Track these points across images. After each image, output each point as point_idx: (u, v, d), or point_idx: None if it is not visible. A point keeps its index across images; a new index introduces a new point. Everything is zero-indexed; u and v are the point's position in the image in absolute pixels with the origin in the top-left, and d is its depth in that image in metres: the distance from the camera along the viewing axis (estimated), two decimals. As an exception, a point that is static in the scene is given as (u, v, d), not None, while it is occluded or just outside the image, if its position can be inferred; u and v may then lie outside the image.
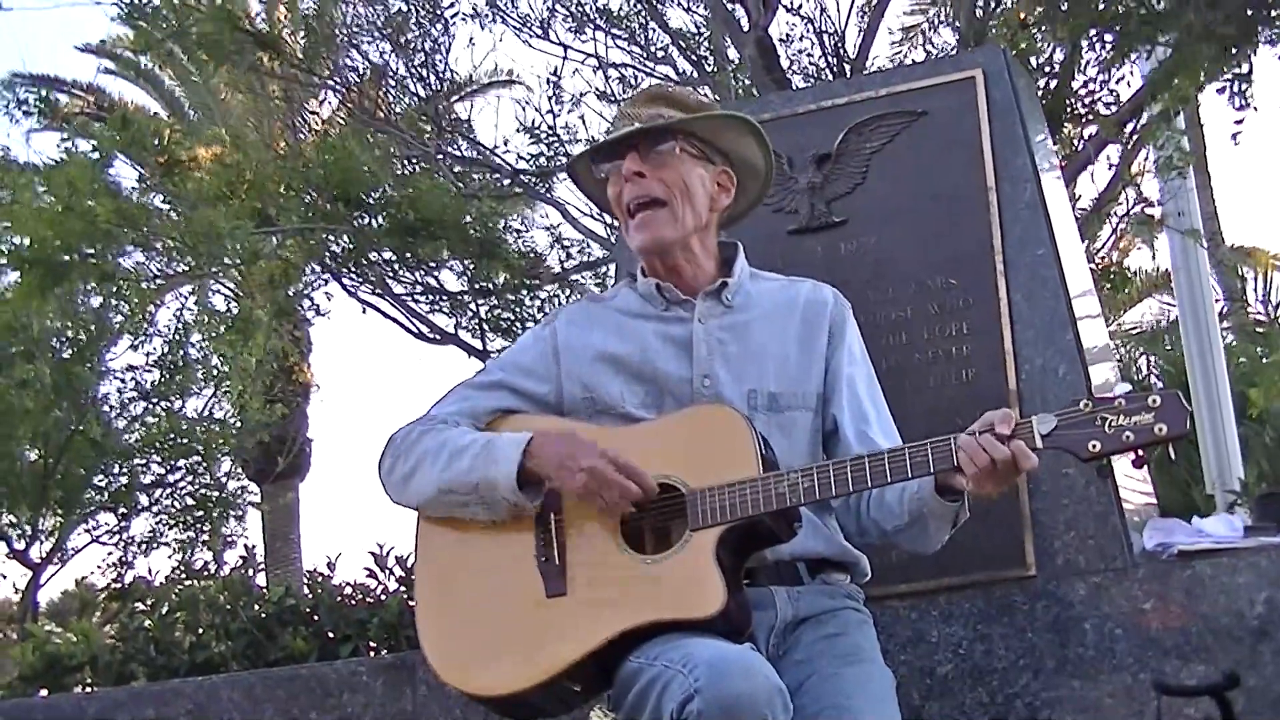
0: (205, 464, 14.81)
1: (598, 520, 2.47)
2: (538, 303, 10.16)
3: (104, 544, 14.91)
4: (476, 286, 9.85)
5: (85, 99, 15.95)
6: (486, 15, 9.54)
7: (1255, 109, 6.75)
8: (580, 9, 9.45)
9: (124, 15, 8.96)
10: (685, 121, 2.67)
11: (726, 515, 2.36)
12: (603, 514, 2.46)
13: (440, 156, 9.47)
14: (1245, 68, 6.63)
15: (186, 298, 13.98)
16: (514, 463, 2.48)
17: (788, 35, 9.41)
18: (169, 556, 14.65)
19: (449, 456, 2.57)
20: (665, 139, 2.65)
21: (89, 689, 5.89)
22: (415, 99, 9.63)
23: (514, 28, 9.63)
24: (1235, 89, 6.65)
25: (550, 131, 9.53)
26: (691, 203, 2.66)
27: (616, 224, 2.85)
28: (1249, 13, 6.08)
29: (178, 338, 13.89)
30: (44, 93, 10.59)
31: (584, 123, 9.51)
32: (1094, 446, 2.23)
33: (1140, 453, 2.24)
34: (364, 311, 9.82)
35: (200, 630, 5.77)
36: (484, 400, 2.70)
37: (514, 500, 2.50)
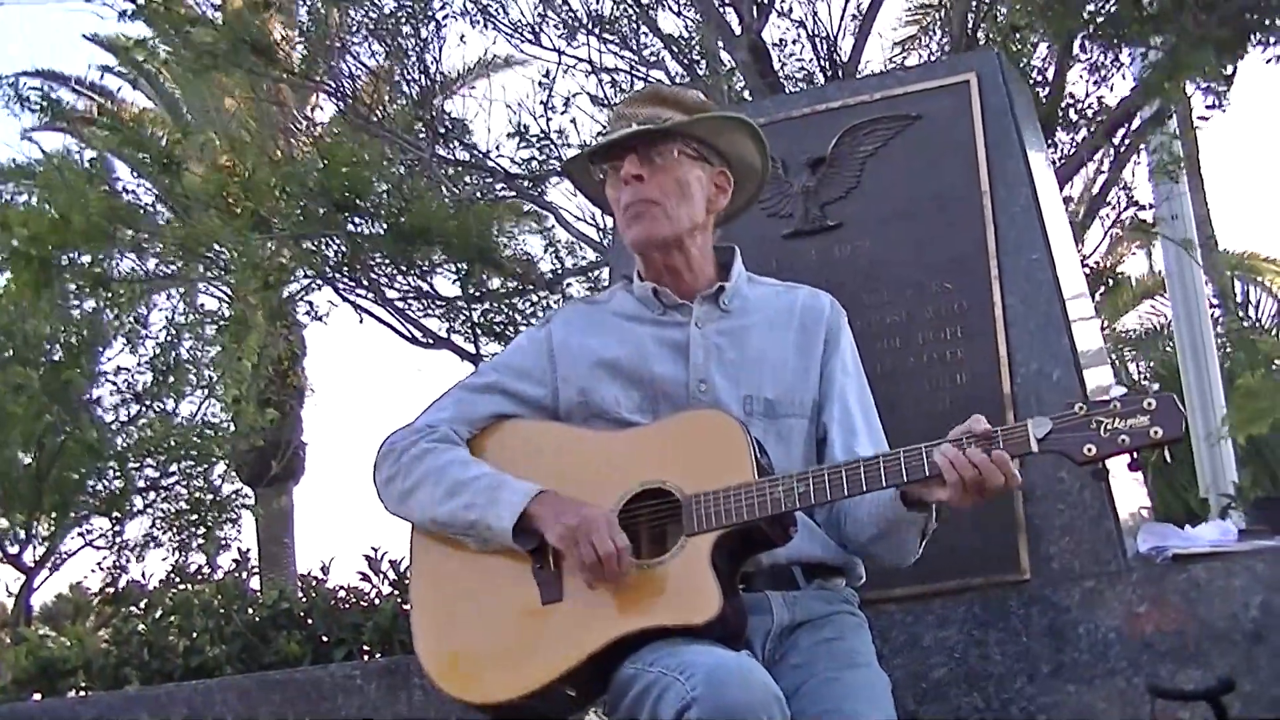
0: (199, 468, 14.79)
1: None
2: (530, 307, 10.15)
3: (98, 548, 14.89)
4: (470, 291, 9.83)
5: (90, 96, 15.93)
6: (478, 21, 9.52)
7: (1224, 110, 6.80)
8: (572, 16, 9.42)
9: (126, 14, 8.95)
10: (683, 124, 2.66)
11: (722, 520, 2.35)
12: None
13: (434, 160, 9.46)
14: (1230, 70, 6.68)
15: (179, 300, 13.97)
16: (513, 518, 2.46)
17: (781, 39, 9.41)
18: (163, 560, 14.65)
19: (449, 488, 2.55)
20: (664, 140, 2.64)
21: (83, 693, 5.89)
22: (409, 101, 9.61)
23: (505, 34, 9.62)
24: (1214, 88, 6.70)
25: (543, 135, 9.51)
26: (688, 203, 2.65)
27: (614, 226, 2.84)
28: (1245, 17, 6.11)
29: (170, 340, 13.88)
30: (46, 89, 10.54)
31: (575, 126, 9.48)
32: (1089, 450, 2.22)
33: (1135, 455, 2.24)
34: (360, 321, 9.82)
35: (194, 634, 5.76)
36: (479, 404, 2.69)
37: (508, 545, 2.49)
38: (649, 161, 2.63)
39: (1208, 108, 7.02)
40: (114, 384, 14.12)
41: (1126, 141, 8.45)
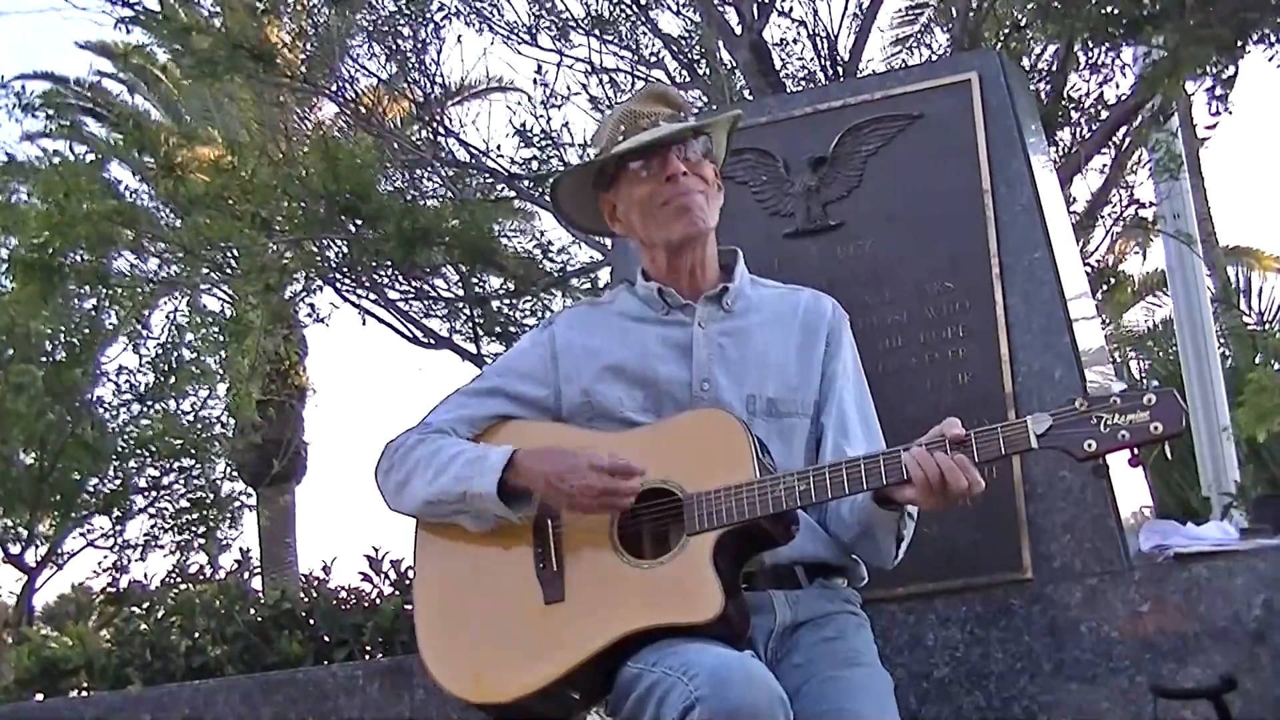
0: (200, 467, 14.80)
1: (595, 526, 2.47)
2: (530, 307, 10.14)
3: (99, 548, 14.92)
4: (471, 292, 9.82)
5: (87, 97, 15.91)
6: (474, 25, 9.51)
7: (1230, 113, 6.79)
8: (570, 17, 9.40)
9: (123, 21, 8.94)
10: (716, 124, 2.71)
11: (723, 519, 2.36)
12: (600, 520, 2.46)
13: (435, 161, 9.45)
14: (1232, 70, 6.66)
15: (179, 299, 13.99)
16: (495, 476, 2.49)
17: (781, 39, 9.40)
18: (164, 556, 14.68)
19: (438, 467, 2.57)
20: (695, 139, 2.68)
21: (85, 693, 5.90)
22: (410, 102, 9.60)
23: (502, 35, 9.60)
24: (1216, 93, 6.69)
25: (544, 135, 9.48)
26: (713, 203, 2.70)
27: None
28: (1244, 15, 6.11)
29: (171, 340, 13.88)
30: (46, 89, 10.56)
31: (568, 130, 9.42)
32: (1089, 446, 2.22)
33: (1136, 451, 2.23)
34: (364, 323, 9.82)
35: (196, 634, 5.76)
36: (480, 407, 2.70)
37: (500, 513, 2.51)
38: (685, 159, 2.65)
39: (1212, 114, 7.00)
40: (115, 383, 14.15)
41: (1128, 140, 8.45)
